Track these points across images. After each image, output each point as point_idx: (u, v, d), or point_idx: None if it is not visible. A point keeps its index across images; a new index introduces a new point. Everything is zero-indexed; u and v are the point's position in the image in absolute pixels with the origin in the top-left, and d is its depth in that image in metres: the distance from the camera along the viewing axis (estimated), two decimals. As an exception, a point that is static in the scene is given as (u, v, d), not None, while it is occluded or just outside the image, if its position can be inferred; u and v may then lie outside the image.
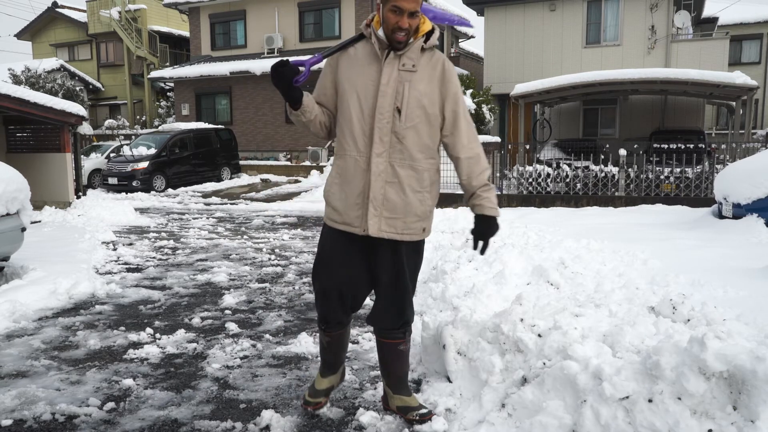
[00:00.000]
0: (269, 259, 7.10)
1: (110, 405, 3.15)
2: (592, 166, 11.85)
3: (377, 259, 2.63)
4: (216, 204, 13.41)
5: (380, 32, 2.50)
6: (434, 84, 2.52)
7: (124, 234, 9.04)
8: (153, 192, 15.31)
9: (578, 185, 11.77)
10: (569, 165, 12.07)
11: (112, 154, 17.34)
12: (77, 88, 25.09)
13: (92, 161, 17.19)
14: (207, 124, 18.97)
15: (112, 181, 15.61)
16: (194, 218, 10.95)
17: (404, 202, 2.53)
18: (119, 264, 6.82)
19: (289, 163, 19.73)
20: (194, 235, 8.97)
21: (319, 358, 3.78)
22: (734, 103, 14.81)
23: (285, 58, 2.45)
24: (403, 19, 2.40)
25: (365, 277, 2.70)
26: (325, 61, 2.67)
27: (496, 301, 4.14)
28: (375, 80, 2.50)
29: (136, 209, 11.34)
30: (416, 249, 2.68)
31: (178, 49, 28.54)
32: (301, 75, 2.45)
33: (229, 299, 5.21)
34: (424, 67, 2.51)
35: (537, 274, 5.10)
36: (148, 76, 24.26)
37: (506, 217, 9.15)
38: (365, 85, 2.51)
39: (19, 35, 31.32)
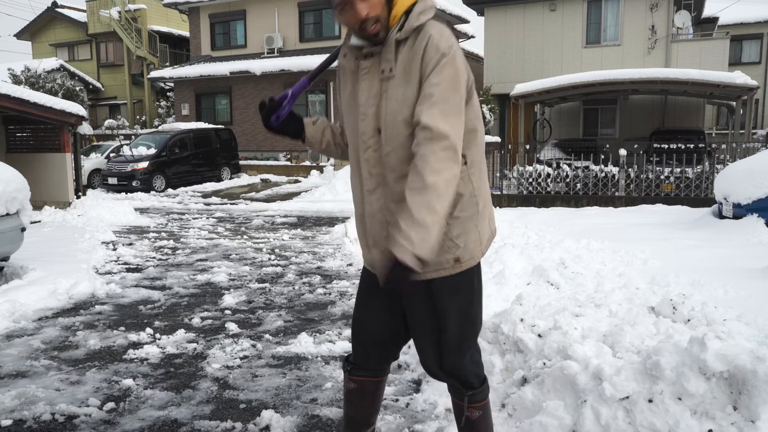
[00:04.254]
0: (269, 259, 7.10)
1: (110, 405, 3.15)
2: (592, 166, 11.85)
3: (410, 299, 2.03)
4: (216, 204, 13.40)
5: (353, 39, 1.93)
6: (415, 83, 1.80)
7: (124, 234, 9.04)
8: (153, 192, 15.31)
9: (578, 185, 11.77)
10: (569, 165, 12.06)
11: (111, 154, 17.34)
12: (77, 88, 25.07)
13: (92, 161, 17.18)
14: (207, 124, 18.97)
15: (112, 181, 15.60)
16: (194, 218, 10.94)
17: None
18: (119, 264, 6.82)
19: (289, 163, 19.72)
20: (194, 235, 8.97)
21: (319, 359, 3.79)
22: (734, 103, 14.81)
23: (264, 100, 2.10)
24: (357, 9, 1.76)
25: (401, 318, 2.12)
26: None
27: (496, 301, 4.15)
28: (356, 100, 1.94)
29: (135, 209, 11.34)
30: (454, 287, 1.98)
31: (178, 49, 28.53)
32: (282, 109, 2.09)
33: (229, 299, 5.20)
34: (404, 66, 1.82)
35: (537, 274, 5.10)
36: (148, 76, 24.26)
37: (506, 217, 9.15)
38: (353, 107, 1.97)
39: (19, 35, 31.31)
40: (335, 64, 2.11)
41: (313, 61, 18.27)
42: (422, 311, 2.01)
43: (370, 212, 1.96)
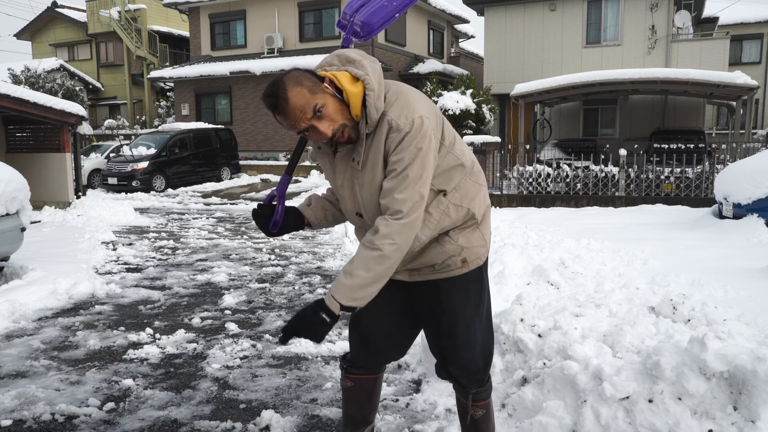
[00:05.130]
0: (269, 259, 7.09)
1: (110, 405, 3.15)
2: (593, 166, 11.85)
3: (420, 299, 2.11)
4: (216, 204, 13.40)
5: None
6: (380, 162, 1.83)
7: (123, 234, 9.04)
8: (153, 192, 15.31)
9: (578, 185, 11.77)
10: (569, 165, 12.07)
11: (111, 154, 17.34)
12: (77, 88, 25.06)
13: (92, 161, 17.18)
14: (207, 124, 18.96)
15: (112, 181, 15.60)
16: (194, 218, 10.94)
17: (419, 260, 2.01)
18: (119, 264, 6.82)
19: (289, 163, 19.71)
20: (194, 235, 8.97)
21: (319, 359, 3.79)
22: (734, 103, 14.81)
23: (256, 207, 2.12)
24: (320, 131, 1.78)
25: (402, 320, 2.19)
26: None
27: (496, 301, 4.14)
28: (335, 182, 2.00)
29: (135, 209, 11.34)
30: (463, 286, 2.04)
31: (178, 49, 28.53)
32: (276, 215, 2.09)
33: (229, 299, 5.20)
34: (372, 155, 1.84)
35: (537, 274, 5.10)
36: (148, 76, 24.25)
37: (506, 217, 9.15)
38: (333, 184, 2.03)
39: (19, 35, 31.31)
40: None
41: (313, 61, 18.28)
42: (434, 312, 2.07)
43: None
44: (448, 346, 2.09)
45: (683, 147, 12.44)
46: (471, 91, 16.63)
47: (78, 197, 11.33)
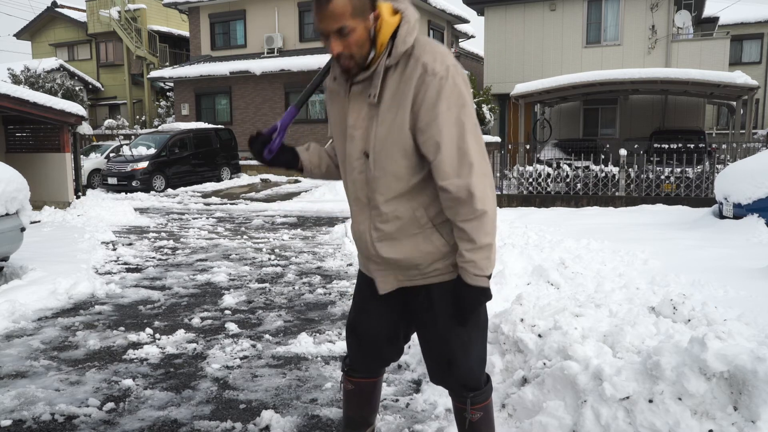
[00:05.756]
0: (269, 259, 7.09)
1: (110, 405, 3.15)
2: (593, 166, 11.85)
3: (411, 303, 2.07)
4: (216, 204, 13.40)
5: None
6: (406, 107, 1.78)
7: (123, 234, 9.04)
8: (153, 192, 15.30)
9: (578, 185, 11.76)
10: (569, 165, 12.06)
11: (111, 154, 17.34)
12: (77, 88, 25.07)
13: (92, 161, 17.18)
14: (207, 124, 18.96)
15: (112, 181, 15.60)
16: (194, 218, 10.94)
17: (401, 254, 1.94)
18: (119, 264, 6.81)
19: (289, 163, 19.70)
20: (194, 235, 8.96)
21: (319, 359, 3.79)
22: (735, 103, 14.81)
23: (254, 133, 2.10)
24: (332, 44, 1.76)
25: (398, 322, 2.15)
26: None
27: (496, 301, 4.14)
28: (344, 121, 1.93)
29: (135, 209, 11.34)
30: (455, 291, 1.98)
31: (177, 48, 28.52)
32: (273, 142, 2.07)
33: (229, 299, 5.20)
34: (394, 91, 1.80)
35: (537, 274, 5.10)
36: (148, 76, 24.25)
37: (506, 217, 9.15)
38: (340, 128, 1.96)
39: (19, 35, 31.30)
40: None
41: (313, 61, 18.27)
42: (427, 318, 2.02)
43: (360, 231, 1.99)
44: (441, 354, 2.03)
45: (683, 147, 12.44)
46: (471, 91, 16.65)
47: (78, 197, 11.33)
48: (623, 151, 11.60)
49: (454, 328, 1.99)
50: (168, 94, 27.19)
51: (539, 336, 3.02)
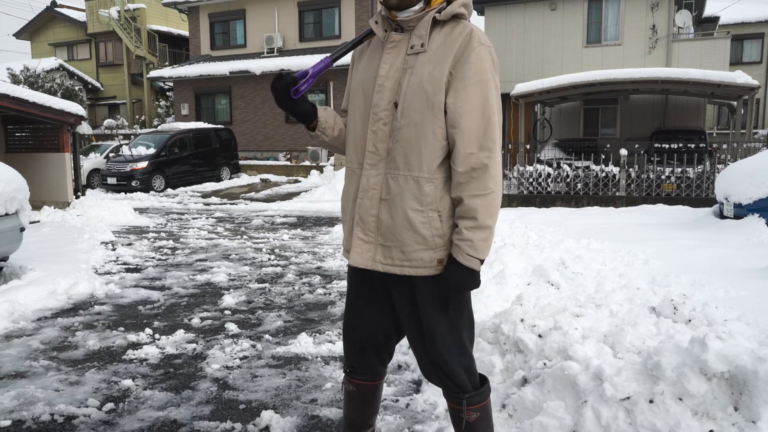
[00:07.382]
0: (269, 259, 7.09)
1: (109, 405, 3.14)
2: (593, 166, 11.84)
3: (395, 299, 2.07)
4: (215, 204, 13.39)
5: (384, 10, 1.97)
6: (446, 63, 1.84)
7: (123, 234, 9.03)
8: (152, 192, 15.30)
9: (579, 185, 11.76)
10: (570, 165, 12.06)
11: (111, 154, 17.32)
12: (76, 88, 25.06)
13: (91, 161, 17.16)
14: (206, 123, 18.95)
15: (111, 181, 15.59)
16: (194, 218, 10.93)
17: (396, 224, 1.91)
18: (118, 264, 6.81)
19: (288, 163, 19.71)
20: (194, 235, 8.96)
21: (319, 359, 3.78)
22: (735, 103, 14.80)
23: (284, 70, 2.01)
24: None
25: (391, 319, 2.16)
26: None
27: (497, 301, 4.14)
28: (374, 71, 1.96)
29: (135, 209, 11.33)
30: (439, 289, 1.95)
31: (177, 48, 28.52)
32: (302, 83, 1.94)
33: (229, 299, 5.19)
34: (438, 46, 1.86)
35: (537, 274, 5.09)
36: (148, 76, 24.24)
37: (506, 217, 9.14)
38: (369, 80, 1.97)
39: (18, 35, 31.29)
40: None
41: (313, 61, 18.25)
42: (408, 309, 2.03)
43: (365, 187, 1.96)
44: (425, 350, 2.03)
45: (684, 147, 12.43)
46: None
47: (77, 197, 11.32)
48: (624, 151, 11.60)
49: (438, 324, 1.97)
50: (167, 93, 27.19)
51: (539, 336, 3.02)
